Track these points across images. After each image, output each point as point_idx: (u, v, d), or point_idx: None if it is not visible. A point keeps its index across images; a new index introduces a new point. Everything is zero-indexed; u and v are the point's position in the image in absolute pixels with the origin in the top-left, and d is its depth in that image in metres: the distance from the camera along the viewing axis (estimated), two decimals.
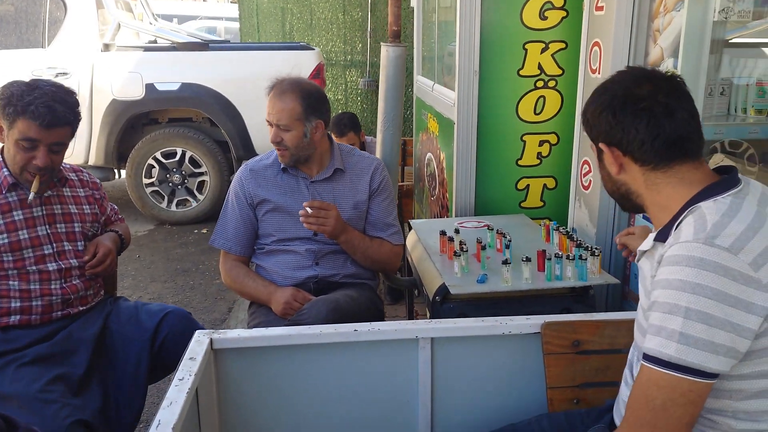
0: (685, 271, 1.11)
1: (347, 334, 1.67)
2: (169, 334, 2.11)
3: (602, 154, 1.33)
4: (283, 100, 2.20)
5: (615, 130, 1.28)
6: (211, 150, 5.65)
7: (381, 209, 2.38)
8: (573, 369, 1.67)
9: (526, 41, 2.85)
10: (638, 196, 1.32)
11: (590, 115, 1.33)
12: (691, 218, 1.18)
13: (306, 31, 8.28)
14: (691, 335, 1.10)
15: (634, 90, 1.27)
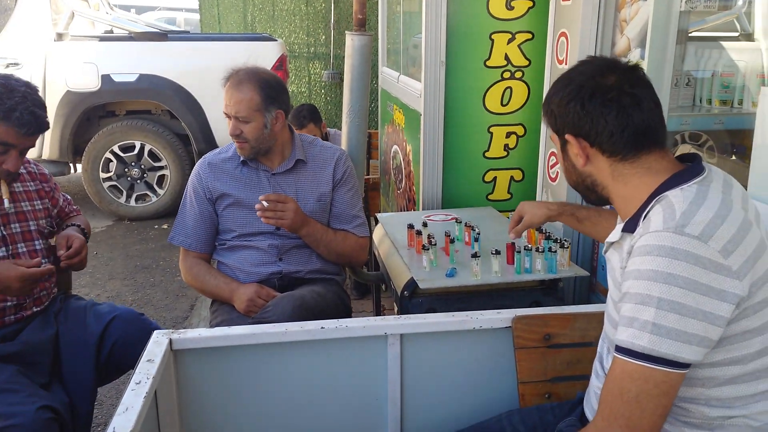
0: (657, 261, 1.09)
1: (314, 331, 1.61)
2: (118, 340, 2.01)
3: (566, 145, 1.30)
4: (240, 90, 2.12)
5: (583, 121, 1.25)
6: (171, 143, 5.51)
7: (345, 201, 2.32)
8: (544, 363, 1.64)
9: (493, 31, 2.82)
10: (604, 188, 1.29)
11: (555, 105, 1.29)
12: (659, 207, 1.17)
13: (268, 23, 8.14)
14: (664, 325, 1.08)
15: (600, 80, 1.24)
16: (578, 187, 1.35)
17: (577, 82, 1.26)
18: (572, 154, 1.29)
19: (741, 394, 1.17)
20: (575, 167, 1.31)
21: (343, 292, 2.32)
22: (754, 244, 1.12)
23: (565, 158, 1.33)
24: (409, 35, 3.54)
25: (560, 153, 1.35)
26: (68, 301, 2.14)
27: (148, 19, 9.00)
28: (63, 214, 2.24)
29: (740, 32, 3.00)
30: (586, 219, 1.79)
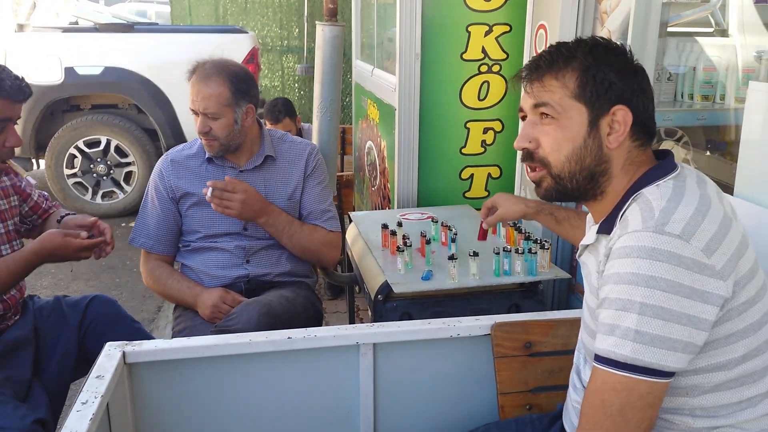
0: (637, 263, 1.01)
1: (280, 342, 1.50)
2: (94, 321, 1.95)
3: (601, 119, 1.13)
4: (208, 85, 1.99)
5: (639, 93, 1.14)
6: (139, 138, 5.33)
7: (314, 195, 2.19)
8: (525, 372, 1.55)
9: (470, 23, 2.73)
10: (608, 179, 1.17)
11: (615, 72, 1.12)
12: (636, 206, 1.09)
13: (240, 15, 7.98)
14: (647, 332, 1.00)
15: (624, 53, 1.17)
16: (580, 175, 1.16)
17: (630, 57, 1.16)
18: (604, 132, 1.13)
19: (726, 402, 1.10)
20: (600, 147, 1.14)
21: (314, 296, 2.21)
22: (736, 241, 1.05)
23: (591, 135, 1.13)
24: (384, 27, 3.43)
25: (580, 128, 1.14)
26: (32, 299, 2.03)
27: (118, 10, 8.77)
28: (40, 210, 2.09)
29: (715, 27, 2.95)
30: (564, 220, 1.71)
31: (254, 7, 7.93)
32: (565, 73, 1.14)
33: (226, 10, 8.09)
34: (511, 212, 1.76)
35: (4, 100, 1.73)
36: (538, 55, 1.19)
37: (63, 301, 2.03)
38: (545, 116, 1.16)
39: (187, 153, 2.15)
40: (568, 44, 1.18)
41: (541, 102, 1.16)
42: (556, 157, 1.16)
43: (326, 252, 2.19)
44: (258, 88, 2.11)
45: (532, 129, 1.18)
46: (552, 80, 1.15)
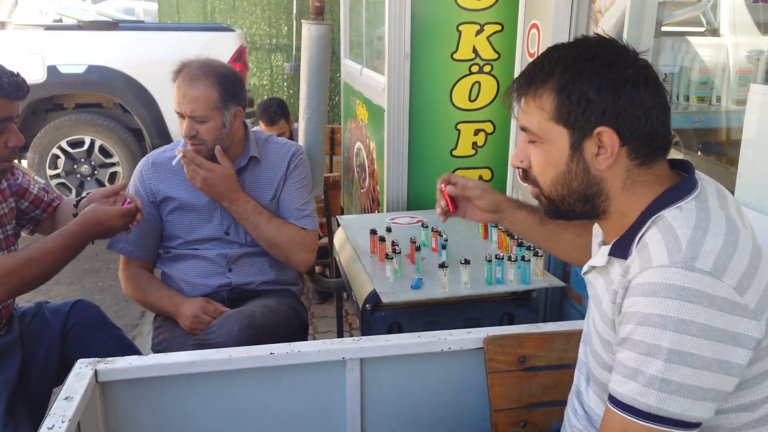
0: (665, 304, 0.92)
1: (262, 357, 1.42)
2: (75, 326, 1.89)
3: (584, 142, 1.03)
4: (195, 87, 1.90)
5: (630, 112, 1.01)
6: (124, 138, 5.24)
7: (289, 193, 2.09)
8: (519, 388, 1.49)
9: (460, 22, 2.66)
10: (606, 200, 1.07)
11: (596, 90, 1.01)
12: (658, 233, 0.99)
13: (229, 13, 7.87)
14: (674, 381, 0.91)
15: (643, 65, 1.04)
16: (571, 197, 1.08)
17: (621, 66, 1.02)
18: (590, 154, 1.04)
19: None
20: (587, 171, 1.05)
21: (299, 304, 2.13)
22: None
23: (573, 159, 1.05)
24: (373, 26, 3.36)
25: (562, 152, 1.06)
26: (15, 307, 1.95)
27: (104, 8, 8.65)
28: (42, 204, 2.00)
29: (706, 27, 2.91)
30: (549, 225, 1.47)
31: (242, 5, 7.83)
32: (543, 93, 1.05)
33: (214, 7, 7.99)
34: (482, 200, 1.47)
35: (3, 98, 1.65)
36: (523, 71, 1.10)
37: (45, 307, 1.96)
38: (533, 141, 1.10)
39: (169, 155, 2.07)
40: (553, 55, 1.06)
41: (523, 126, 1.10)
42: (543, 180, 1.10)
43: (294, 250, 2.04)
44: (246, 89, 2.03)
45: (525, 148, 1.12)
46: (531, 102, 1.07)
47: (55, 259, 1.69)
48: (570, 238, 1.44)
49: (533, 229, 1.47)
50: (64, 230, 1.73)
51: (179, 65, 1.98)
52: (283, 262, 2.07)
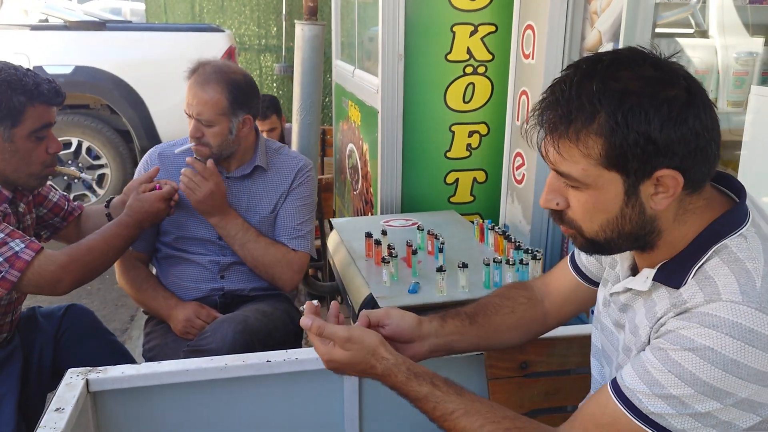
0: (724, 342, 0.86)
1: (258, 366, 1.39)
2: (68, 331, 1.89)
3: (641, 185, 0.91)
4: (205, 90, 1.85)
5: (694, 143, 0.88)
6: (112, 140, 5.17)
7: (288, 210, 2.03)
8: (520, 395, 1.46)
9: (454, 23, 2.64)
10: (657, 235, 0.97)
11: (659, 132, 0.87)
12: (724, 265, 0.91)
13: (217, 13, 7.82)
14: (694, 407, 0.88)
15: (694, 86, 0.90)
16: (619, 239, 0.97)
17: (670, 94, 0.88)
18: (646, 195, 0.92)
19: None
20: (643, 213, 0.94)
21: (294, 309, 2.10)
22: None
23: (629, 204, 0.93)
24: (365, 27, 3.33)
25: (615, 199, 0.93)
26: None
27: (91, 8, 8.56)
28: (62, 212, 1.99)
29: (695, 29, 2.91)
30: (479, 319, 1.30)
31: (231, 5, 7.79)
32: (587, 138, 0.90)
33: (203, 8, 7.93)
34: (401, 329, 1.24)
35: (43, 104, 1.66)
36: (552, 101, 0.93)
37: (38, 312, 1.95)
38: (572, 184, 0.95)
39: (174, 149, 2.02)
40: (589, 86, 0.89)
41: (561, 172, 0.94)
42: (588, 226, 0.97)
43: (280, 271, 1.98)
44: (260, 98, 1.98)
45: (560, 186, 0.98)
46: (571, 148, 0.91)
47: (113, 246, 1.77)
48: (504, 322, 1.30)
49: (467, 334, 1.28)
50: (117, 221, 1.82)
51: (196, 64, 1.93)
52: (268, 281, 2.02)
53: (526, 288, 1.34)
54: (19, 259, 1.60)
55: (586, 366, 1.49)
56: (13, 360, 1.79)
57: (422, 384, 1.08)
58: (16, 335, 1.84)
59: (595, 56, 0.95)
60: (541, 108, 0.95)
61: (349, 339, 1.09)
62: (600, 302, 1.18)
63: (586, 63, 0.94)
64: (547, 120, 0.93)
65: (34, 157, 1.68)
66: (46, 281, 1.65)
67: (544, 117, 0.94)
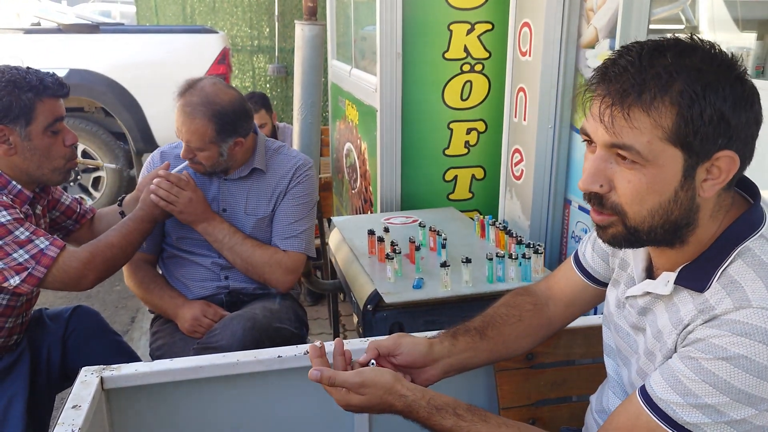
0: (758, 350, 0.86)
1: (270, 361, 1.41)
2: (75, 332, 1.90)
3: (698, 168, 0.89)
4: (192, 120, 1.85)
5: (755, 130, 0.89)
6: (107, 143, 5.16)
7: (284, 210, 2.02)
8: (527, 386, 1.49)
9: (451, 22, 2.67)
10: (692, 230, 0.95)
11: (730, 107, 0.85)
12: (749, 269, 0.91)
13: (209, 15, 7.80)
14: (729, 415, 0.89)
15: (741, 64, 0.90)
16: (661, 228, 0.94)
17: (740, 76, 0.87)
18: (699, 180, 0.90)
19: None
20: (692, 199, 0.91)
21: (298, 306, 2.11)
22: None
23: (684, 186, 0.90)
24: (360, 26, 3.35)
25: (672, 178, 0.90)
26: None
27: (81, 11, 8.53)
28: (74, 215, 2.01)
29: (686, 24, 2.94)
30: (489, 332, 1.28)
31: (223, 6, 7.77)
32: (660, 106, 0.86)
33: (194, 9, 7.92)
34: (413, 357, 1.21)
35: (51, 98, 1.68)
36: (620, 69, 0.88)
37: (45, 313, 1.96)
38: (625, 159, 0.91)
39: (178, 151, 2.03)
40: (666, 57, 0.87)
41: (623, 144, 0.89)
42: (637, 210, 0.93)
43: (270, 272, 1.96)
44: (251, 117, 1.97)
45: (606, 167, 0.93)
46: (642, 116, 0.87)
47: (130, 241, 1.81)
48: (513, 332, 1.29)
49: (479, 350, 1.26)
50: (132, 216, 1.85)
51: (185, 85, 1.91)
52: (261, 282, 2.02)
53: (530, 294, 1.34)
54: (45, 255, 1.63)
55: (590, 356, 1.52)
56: (21, 361, 1.80)
57: (445, 417, 1.06)
58: (24, 337, 1.86)
59: (654, 40, 0.91)
60: (603, 79, 0.90)
61: (363, 384, 1.07)
62: (612, 303, 1.18)
63: (648, 42, 0.90)
64: (616, 89, 0.88)
65: (54, 152, 1.71)
66: (71, 277, 1.68)
67: (610, 86, 0.88)
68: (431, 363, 1.21)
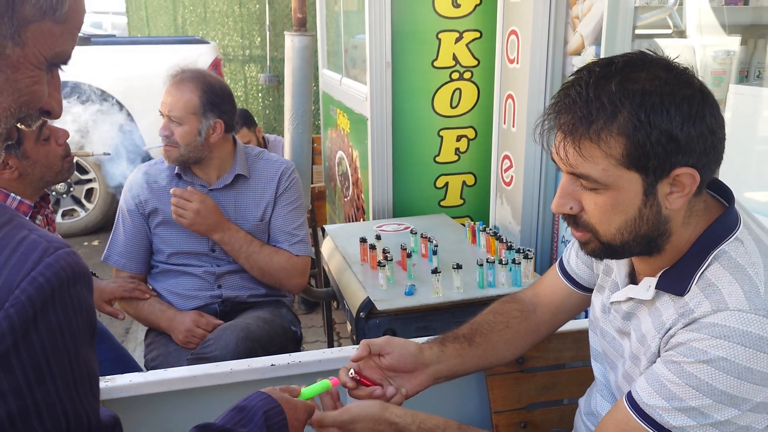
0: (736, 351, 0.88)
1: (263, 369, 1.43)
2: None
3: (658, 184, 0.93)
4: (180, 89, 1.92)
5: (710, 146, 0.91)
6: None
7: (282, 216, 2.07)
8: (518, 390, 1.51)
9: (440, 30, 2.70)
10: (668, 237, 0.98)
11: (681, 128, 0.88)
12: (726, 271, 0.93)
13: (200, 25, 7.83)
14: (714, 417, 0.91)
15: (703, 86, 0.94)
16: (634, 242, 0.98)
17: (687, 93, 0.90)
18: (663, 195, 0.93)
19: None
20: (659, 213, 0.95)
21: (292, 315, 2.13)
22: None
23: (647, 204, 0.94)
24: (350, 36, 3.38)
25: (633, 199, 0.94)
26: None
27: None
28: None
29: (673, 29, 2.98)
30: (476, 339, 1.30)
31: (214, 17, 7.80)
32: (608, 137, 0.90)
33: (186, 20, 7.94)
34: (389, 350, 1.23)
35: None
36: (569, 103, 0.93)
37: None
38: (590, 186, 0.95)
39: (159, 168, 2.06)
40: (611, 85, 0.90)
41: (580, 174, 0.94)
42: (606, 228, 0.97)
43: (287, 277, 2.04)
44: (234, 106, 2.02)
45: (574, 190, 0.98)
46: (592, 148, 0.91)
47: None
48: (501, 338, 1.30)
49: (467, 356, 1.28)
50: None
51: (175, 69, 2.00)
52: (276, 287, 2.08)
53: (516, 301, 1.36)
54: None
55: (580, 360, 1.54)
56: None
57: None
58: None
59: (606, 60, 0.95)
60: (556, 111, 0.95)
61: (352, 420, 1.08)
62: (598, 309, 1.20)
63: (599, 66, 0.94)
64: (565, 122, 0.93)
65: (51, 157, 1.73)
66: None
67: (561, 119, 0.94)
68: (421, 367, 1.23)
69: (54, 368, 0.67)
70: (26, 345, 0.64)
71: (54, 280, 0.66)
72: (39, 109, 0.78)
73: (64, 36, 0.76)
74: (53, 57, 0.75)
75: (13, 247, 0.65)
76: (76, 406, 0.70)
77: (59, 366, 0.67)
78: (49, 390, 0.67)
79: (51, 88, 0.78)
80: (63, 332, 0.67)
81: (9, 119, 0.74)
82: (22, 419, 0.65)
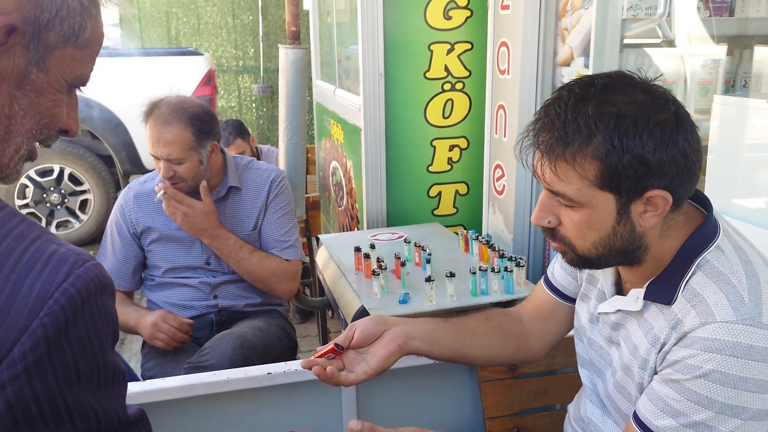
0: (729, 363, 0.91)
1: (259, 378, 1.45)
2: None
3: (632, 204, 0.96)
4: (169, 131, 1.88)
5: (681, 168, 0.94)
6: (94, 165, 5.18)
7: (271, 222, 2.09)
8: (511, 395, 1.53)
9: (432, 42, 2.73)
10: (645, 249, 1.02)
11: (653, 152, 0.91)
12: (710, 281, 0.96)
13: (193, 37, 7.87)
14: (718, 428, 0.93)
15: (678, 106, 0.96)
16: (609, 255, 1.01)
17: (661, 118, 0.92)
18: (636, 214, 0.97)
19: None
20: (633, 230, 0.98)
21: (287, 323, 2.15)
22: None
23: (621, 222, 0.97)
24: (343, 47, 3.42)
25: (607, 217, 0.98)
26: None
27: None
28: None
29: (662, 39, 3.02)
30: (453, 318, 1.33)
31: (207, 28, 7.84)
32: (583, 160, 0.94)
33: (179, 31, 7.98)
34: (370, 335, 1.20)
35: None
36: (548, 123, 0.96)
37: None
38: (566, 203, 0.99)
39: (150, 186, 2.07)
40: (588, 107, 0.93)
41: (556, 192, 0.98)
42: (581, 243, 1.01)
43: (278, 282, 2.06)
44: (218, 121, 2.03)
45: (552, 204, 1.02)
46: (567, 169, 0.95)
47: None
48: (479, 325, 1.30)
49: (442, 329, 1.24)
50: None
51: (150, 105, 1.94)
52: (267, 292, 2.09)
53: (501, 310, 1.38)
54: None
55: (572, 366, 1.56)
56: None
57: None
58: None
59: (586, 79, 0.99)
60: (535, 129, 0.98)
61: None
62: (584, 318, 1.22)
63: (579, 86, 0.97)
64: (543, 141, 0.97)
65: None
66: None
67: (539, 138, 0.97)
68: (386, 327, 1.18)
69: (82, 371, 0.71)
70: (58, 351, 0.68)
71: (84, 291, 0.70)
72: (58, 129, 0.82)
73: (84, 60, 0.80)
74: (74, 80, 0.80)
75: (45, 261, 0.69)
76: (105, 406, 0.74)
77: (87, 369, 0.72)
78: (78, 392, 0.71)
79: (69, 108, 0.83)
80: (91, 338, 0.72)
81: (30, 141, 0.79)
82: (54, 419, 0.70)
